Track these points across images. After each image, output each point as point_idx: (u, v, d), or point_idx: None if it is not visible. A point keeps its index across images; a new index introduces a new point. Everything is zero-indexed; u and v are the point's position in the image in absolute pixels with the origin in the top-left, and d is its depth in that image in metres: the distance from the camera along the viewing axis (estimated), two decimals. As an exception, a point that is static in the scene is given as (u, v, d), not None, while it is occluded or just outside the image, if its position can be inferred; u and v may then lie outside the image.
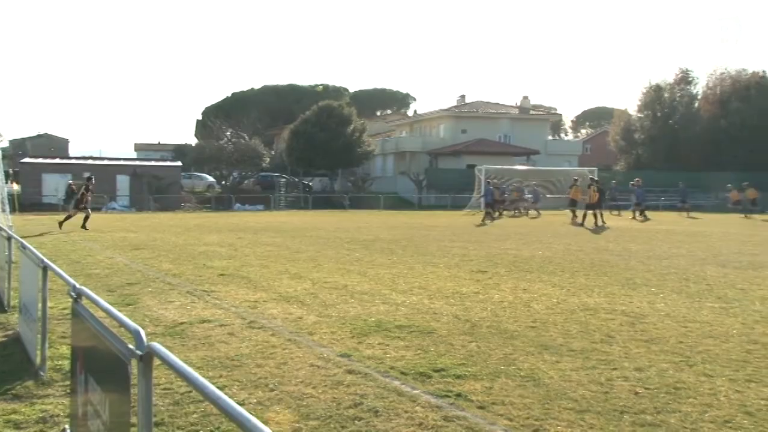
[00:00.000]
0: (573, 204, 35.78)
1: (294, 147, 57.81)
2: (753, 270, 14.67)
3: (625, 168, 71.47)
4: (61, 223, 25.91)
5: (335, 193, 59.80)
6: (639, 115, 74.01)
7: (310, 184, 61.92)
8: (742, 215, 39.77)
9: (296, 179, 61.60)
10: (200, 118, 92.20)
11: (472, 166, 54.59)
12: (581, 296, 11.07)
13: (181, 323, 8.77)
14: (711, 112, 69.40)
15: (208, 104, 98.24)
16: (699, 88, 73.48)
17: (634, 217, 37.62)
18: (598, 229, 28.32)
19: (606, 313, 9.58)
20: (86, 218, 25.74)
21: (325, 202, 55.00)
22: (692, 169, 62.83)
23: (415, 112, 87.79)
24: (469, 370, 6.70)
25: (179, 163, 57.84)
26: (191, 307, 9.87)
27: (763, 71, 69.28)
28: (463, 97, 76.18)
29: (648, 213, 39.72)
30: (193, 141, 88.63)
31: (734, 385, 6.24)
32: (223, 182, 60.41)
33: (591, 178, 35.13)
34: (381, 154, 69.83)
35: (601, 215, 31.87)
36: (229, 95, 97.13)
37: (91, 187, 26.57)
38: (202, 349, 7.48)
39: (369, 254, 17.51)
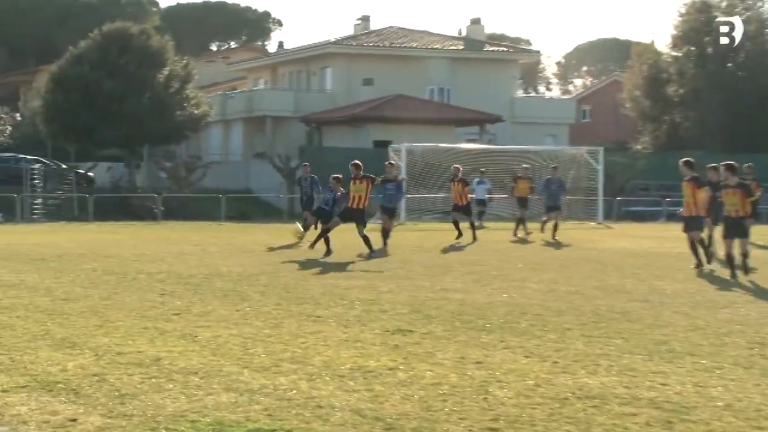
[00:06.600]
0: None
1: (58, 106, 56.57)
2: None
3: (650, 147, 72.69)
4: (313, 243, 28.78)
5: (137, 191, 58.96)
6: (675, 53, 75.38)
7: (90, 174, 60.87)
8: None
9: (64, 165, 60.24)
10: None
11: (383, 143, 54.76)
12: (577, 374, 11.22)
13: None
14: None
15: None
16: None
17: None
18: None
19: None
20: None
21: (119, 206, 54.22)
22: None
23: (280, 45, 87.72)
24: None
25: None
26: None
27: None
28: (365, 19, 76.12)
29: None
30: None
31: None
32: None
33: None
34: (220, 121, 69.37)
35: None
36: None
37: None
38: None
39: (201, 302, 17.36)
